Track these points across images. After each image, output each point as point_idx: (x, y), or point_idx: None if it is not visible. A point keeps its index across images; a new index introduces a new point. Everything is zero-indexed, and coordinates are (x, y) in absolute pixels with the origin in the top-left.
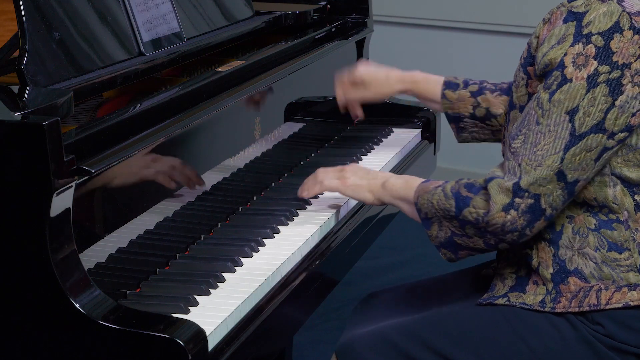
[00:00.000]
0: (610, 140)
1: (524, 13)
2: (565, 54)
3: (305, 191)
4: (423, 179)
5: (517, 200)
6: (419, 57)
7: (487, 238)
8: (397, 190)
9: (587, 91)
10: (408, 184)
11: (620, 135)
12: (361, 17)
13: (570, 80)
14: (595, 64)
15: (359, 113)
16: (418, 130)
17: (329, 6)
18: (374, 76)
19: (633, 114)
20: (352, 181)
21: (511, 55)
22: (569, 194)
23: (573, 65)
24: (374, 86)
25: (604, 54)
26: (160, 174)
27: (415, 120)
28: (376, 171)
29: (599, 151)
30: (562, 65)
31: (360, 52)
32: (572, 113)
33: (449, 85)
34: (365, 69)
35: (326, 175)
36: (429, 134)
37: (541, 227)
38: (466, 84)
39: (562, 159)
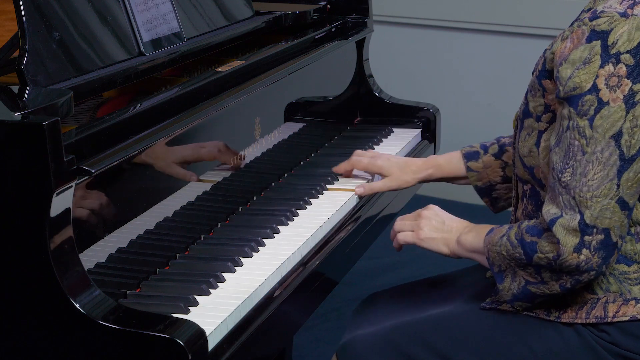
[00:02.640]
0: None
1: (524, 13)
2: (597, 77)
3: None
4: (489, 227)
5: (586, 238)
6: (419, 57)
7: (563, 280)
8: (470, 244)
9: (627, 112)
10: (479, 236)
11: None
12: (361, 17)
13: (607, 103)
14: (629, 83)
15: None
16: (418, 130)
17: (329, 6)
18: (395, 167)
19: None
20: (426, 234)
21: (511, 55)
22: (630, 220)
23: (607, 87)
24: (396, 176)
25: (636, 72)
26: (160, 174)
27: (415, 120)
28: (451, 219)
29: None
30: (595, 89)
31: (360, 52)
32: (617, 137)
33: (469, 156)
34: (385, 162)
35: (402, 226)
36: (429, 134)
37: (614, 260)
38: (485, 148)
39: (619, 186)
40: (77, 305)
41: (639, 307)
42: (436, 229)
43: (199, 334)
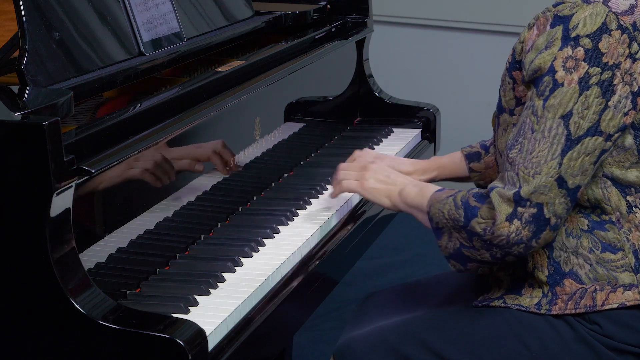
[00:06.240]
0: (607, 142)
1: (524, 13)
2: (555, 59)
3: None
4: (438, 187)
5: (519, 209)
6: (419, 57)
7: (494, 251)
8: (412, 198)
9: (580, 94)
10: (422, 192)
11: (617, 136)
12: (361, 17)
13: (562, 84)
14: (585, 66)
15: None
16: (418, 130)
17: (329, 6)
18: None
19: (626, 114)
20: (371, 184)
21: None
22: (572, 201)
23: (563, 69)
24: None
25: (594, 56)
26: (160, 174)
27: (415, 120)
28: (396, 174)
29: (597, 154)
30: (552, 70)
31: (360, 52)
32: (566, 117)
33: (470, 157)
34: (390, 165)
35: (347, 175)
36: (429, 134)
37: (548, 239)
38: (485, 148)
39: (560, 164)
40: (77, 305)
41: (627, 294)
42: (381, 181)
43: (199, 334)
